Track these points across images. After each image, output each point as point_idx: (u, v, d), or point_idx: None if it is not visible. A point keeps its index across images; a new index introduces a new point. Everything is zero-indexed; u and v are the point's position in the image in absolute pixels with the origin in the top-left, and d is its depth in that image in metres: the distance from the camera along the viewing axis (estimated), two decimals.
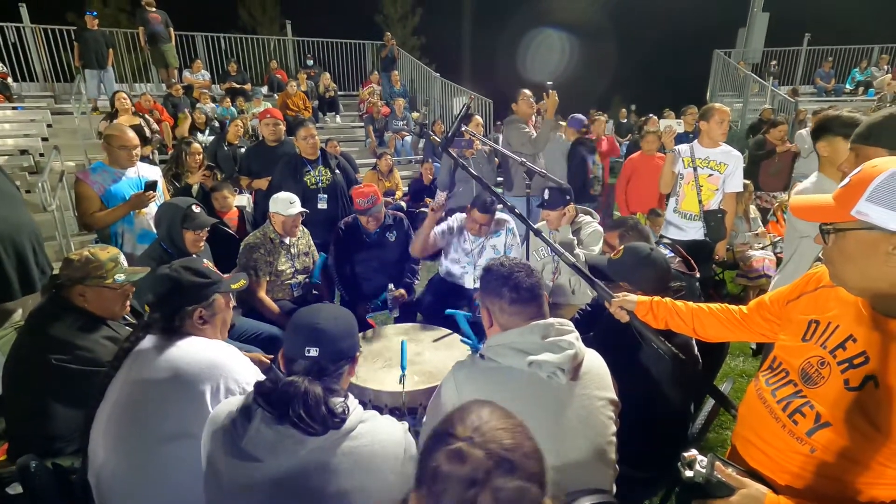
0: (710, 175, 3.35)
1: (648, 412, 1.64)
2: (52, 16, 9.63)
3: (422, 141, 8.95)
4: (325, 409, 1.07)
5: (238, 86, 9.49)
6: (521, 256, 2.76)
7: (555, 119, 4.54)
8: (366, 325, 2.78)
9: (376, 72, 10.90)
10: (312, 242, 3.35)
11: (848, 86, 12.33)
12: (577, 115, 5.39)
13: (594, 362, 1.39)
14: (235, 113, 8.38)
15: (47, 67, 8.84)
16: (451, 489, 0.69)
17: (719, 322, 1.44)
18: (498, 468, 0.70)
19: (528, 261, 2.25)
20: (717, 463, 1.04)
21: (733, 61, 11.87)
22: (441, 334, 2.46)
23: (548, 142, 4.57)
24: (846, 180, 0.98)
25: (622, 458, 1.37)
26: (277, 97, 9.17)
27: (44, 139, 7.21)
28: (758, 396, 1.19)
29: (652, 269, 1.82)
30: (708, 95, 12.01)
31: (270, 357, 2.29)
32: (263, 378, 1.16)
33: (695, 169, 3.36)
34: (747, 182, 4.29)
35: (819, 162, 2.16)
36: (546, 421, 1.25)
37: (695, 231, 3.42)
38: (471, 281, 3.23)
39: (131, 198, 2.85)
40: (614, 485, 1.36)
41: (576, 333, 1.35)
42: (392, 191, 6.89)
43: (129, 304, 1.99)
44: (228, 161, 5.26)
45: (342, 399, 1.12)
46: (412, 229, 3.47)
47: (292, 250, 3.15)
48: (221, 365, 1.39)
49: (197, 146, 4.25)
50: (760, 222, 4.72)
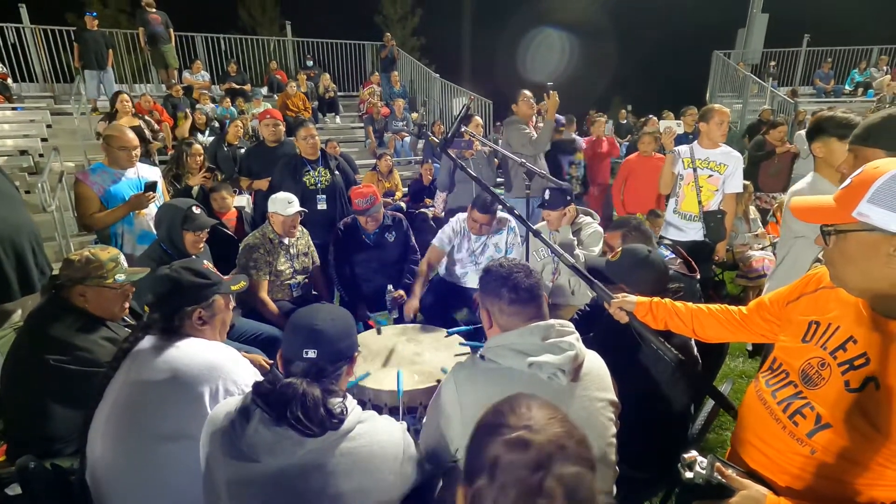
0: (710, 176, 3.35)
1: (648, 413, 1.64)
2: (52, 16, 9.63)
3: (421, 142, 8.95)
4: (324, 410, 1.07)
5: (238, 86, 9.49)
6: (522, 256, 2.76)
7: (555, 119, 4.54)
8: (365, 326, 2.78)
9: (376, 72, 10.91)
10: (312, 243, 3.35)
11: (847, 87, 12.35)
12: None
13: (594, 363, 1.39)
14: (235, 113, 8.38)
15: (47, 68, 8.84)
16: (517, 476, 0.70)
17: (719, 323, 1.44)
18: (559, 453, 0.72)
19: (528, 261, 2.25)
20: (718, 464, 1.04)
21: (732, 62, 11.87)
22: (443, 335, 2.46)
23: (549, 142, 4.57)
24: (847, 182, 0.98)
25: (622, 459, 1.36)
26: (277, 98, 9.17)
27: (43, 140, 7.21)
28: (758, 398, 1.19)
29: (650, 271, 1.82)
30: (707, 96, 12.02)
31: (271, 362, 2.28)
32: (261, 379, 1.16)
33: (694, 170, 3.37)
34: (747, 183, 4.29)
35: (815, 163, 2.17)
36: None
37: (694, 232, 3.42)
38: (472, 280, 3.23)
39: (131, 198, 2.85)
40: (615, 486, 1.36)
41: (576, 334, 1.35)
42: (392, 191, 6.89)
43: (129, 305, 1.99)
44: (228, 162, 5.26)
45: (340, 399, 1.12)
46: (411, 230, 3.47)
47: (291, 250, 3.15)
48: (220, 366, 1.39)
49: (198, 147, 4.25)
50: (760, 223, 4.72)
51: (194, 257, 2.53)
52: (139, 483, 1.31)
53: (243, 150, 5.14)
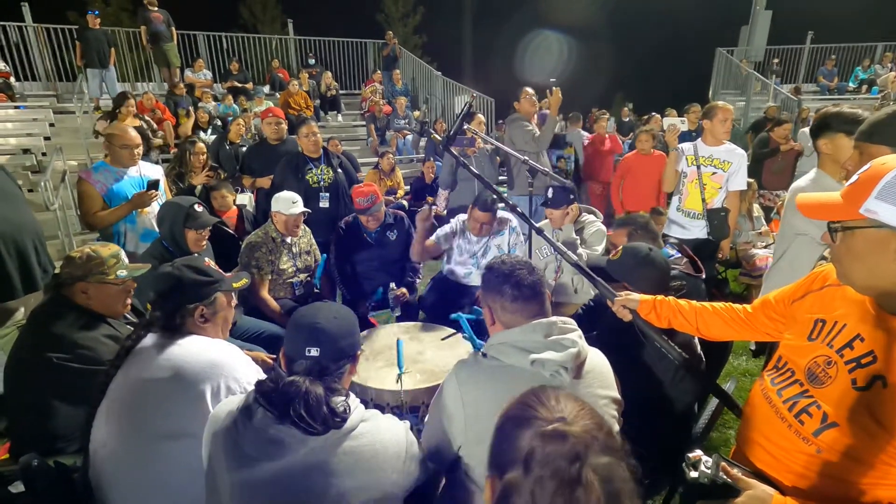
0: (714, 173, 3.34)
1: (652, 411, 1.63)
2: (55, 15, 9.66)
3: (423, 140, 8.94)
4: (326, 409, 1.07)
5: (240, 85, 9.50)
6: (525, 255, 2.75)
7: (558, 116, 4.53)
8: (367, 324, 2.78)
9: (378, 70, 10.90)
10: (314, 241, 3.35)
11: (851, 84, 12.28)
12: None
13: (597, 361, 1.38)
14: (238, 110, 8.38)
15: (50, 67, 8.85)
16: (555, 467, 0.70)
17: (723, 321, 1.43)
18: (594, 444, 0.72)
19: (531, 259, 2.24)
20: (723, 464, 1.03)
21: (736, 59, 11.83)
22: (445, 334, 2.45)
23: (552, 139, 4.55)
24: (854, 178, 0.97)
25: None
26: (279, 96, 9.17)
27: (46, 138, 7.22)
28: (763, 396, 1.18)
29: (651, 270, 1.81)
30: (710, 94, 11.98)
31: (273, 357, 2.28)
32: (264, 378, 1.15)
33: (698, 167, 3.35)
34: (751, 181, 4.27)
35: (819, 159, 2.15)
36: None
37: (698, 230, 3.41)
38: (474, 280, 3.23)
39: (133, 197, 2.85)
40: None
41: (579, 332, 1.34)
42: (394, 189, 6.89)
43: (131, 303, 1.99)
44: (230, 160, 5.25)
45: (343, 398, 1.12)
46: (413, 228, 3.46)
47: (294, 249, 3.15)
48: (222, 364, 1.39)
49: (201, 146, 4.24)
50: (764, 221, 4.69)
51: (196, 255, 2.53)
52: (141, 481, 1.31)
53: (245, 149, 5.14)
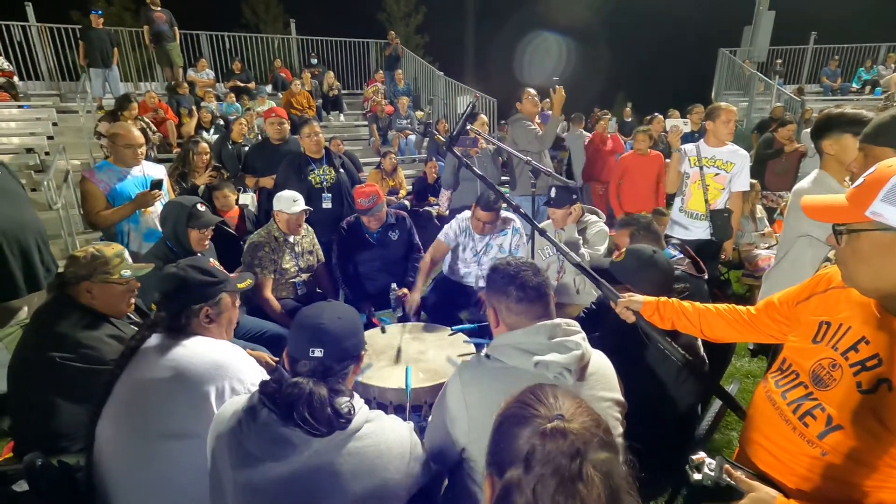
0: (717, 174, 3.33)
1: (655, 413, 1.63)
2: (58, 15, 9.67)
3: (426, 140, 8.94)
4: (331, 410, 1.06)
5: (242, 84, 9.51)
6: (527, 255, 2.75)
7: (562, 115, 4.52)
8: (369, 324, 2.78)
9: (380, 70, 10.90)
10: (317, 241, 3.35)
11: (854, 84, 12.24)
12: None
13: (600, 363, 1.38)
14: (241, 110, 8.38)
15: (53, 66, 8.87)
16: (556, 465, 0.70)
17: (727, 323, 1.43)
18: (592, 440, 0.73)
19: (533, 260, 2.24)
20: (726, 466, 1.03)
21: (739, 60, 11.80)
22: (447, 333, 2.45)
23: (554, 138, 4.55)
24: (860, 180, 0.96)
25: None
26: (281, 96, 9.18)
27: (49, 138, 7.23)
28: (767, 398, 1.18)
29: (654, 272, 1.81)
30: (713, 94, 11.96)
31: (276, 360, 2.28)
32: (268, 378, 1.15)
33: (701, 168, 3.35)
34: (754, 181, 4.26)
35: (822, 160, 2.14)
36: None
37: (701, 230, 3.40)
38: (474, 278, 3.22)
39: (137, 196, 2.86)
40: None
41: (582, 334, 1.34)
42: (396, 189, 6.89)
43: (134, 303, 2.00)
44: (233, 160, 5.26)
45: (348, 399, 1.11)
46: (415, 228, 3.47)
47: (297, 248, 3.15)
48: (226, 365, 1.39)
49: (204, 146, 4.24)
50: (767, 222, 4.68)
51: (200, 255, 2.53)
52: (144, 480, 1.31)
53: (247, 149, 5.14)
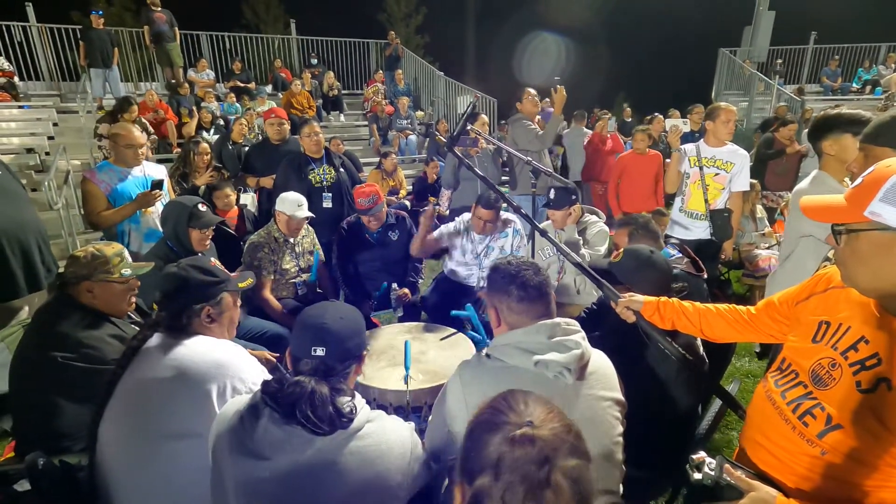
0: (717, 174, 3.34)
1: (655, 413, 1.63)
2: (58, 15, 9.67)
3: (427, 140, 8.94)
4: (332, 409, 1.07)
5: (242, 84, 9.51)
6: (528, 256, 2.76)
7: (562, 115, 4.53)
8: (370, 324, 2.78)
9: (380, 70, 10.90)
10: (317, 241, 3.35)
11: (855, 84, 12.24)
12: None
13: (600, 362, 1.39)
14: (241, 110, 8.38)
15: (53, 66, 8.87)
16: (524, 472, 0.70)
17: (727, 323, 1.43)
18: (561, 447, 0.73)
19: (534, 260, 2.24)
20: (726, 465, 1.03)
21: (739, 60, 11.80)
22: (447, 333, 2.46)
23: (554, 138, 4.55)
24: (859, 180, 0.97)
25: (628, 459, 1.36)
26: (282, 96, 9.18)
27: (50, 138, 7.25)
28: (767, 398, 1.18)
29: (652, 272, 1.81)
30: (713, 94, 11.96)
31: (276, 356, 2.29)
32: (270, 378, 1.16)
33: (701, 168, 3.35)
34: (754, 181, 4.26)
35: (822, 161, 2.14)
36: None
37: (701, 230, 3.41)
38: (475, 280, 3.23)
39: (138, 197, 2.86)
40: (621, 485, 1.35)
41: (582, 333, 1.35)
42: (396, 189, 6.89)
43: (135, 302, 2.00)
44: (233, 160, 5.26)
45: (349, 399, 1.12)
46: (415, 228, 3.47)
47: (297, 249, 3.15)
48: (228, 365, 1.39)
49: (205, 146, 4.25)
50: (767, 222, 4.69)
51: (201, 255, 2.54)
52: (145, 480, 1.32)
53: (247, 149, 5.15)
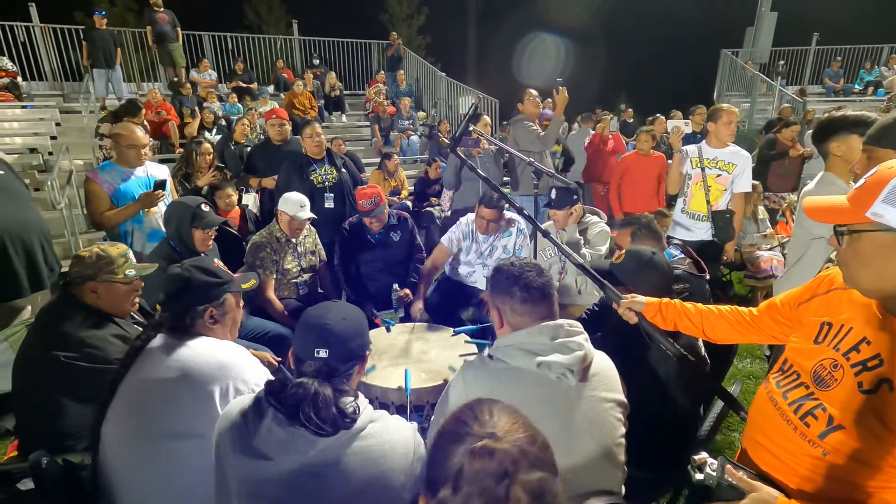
0: (719, 175, 3.33)
1: (657, 414, 1.63)
2: (61, 15, 9.71)
3: (429, 141, 8.95)
4: (336, 410, 1.07)
5: (245, 85, 9.53)
6: (530, 256, 2.76)
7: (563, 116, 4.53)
8: (371, 325, 2.78)
9: (382, 71, 10.91)
10: (319, 241, 3.36)
11: (857, 86, 12.22)
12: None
13: (603, 364, 1.39)
14: (243, 110, 8.40)
15: (56, 67, 8.89)
16: (483, 485, 0.69)
17: (729, 324, 1.43)
18: (523, 460, 0.72)
19: (535, 260, 2.25)
20: (728, 466, 1.04)
21: (741, 61, 11.79)
22: (448, 333, 2.46)
23: (556, 139, 4.56)
24: (861, 181, 0.97)
25: (630, 460, 1.36)
26: (284, 96, 9.20)
27: (53, 138, 7.25)
28: (768, 399, 1.18)
29: (654, 273, 1.81)
30: (715, 95, 11.95)
31: (279, 360, 2.29)
32: (273, 379, 1.16)
33: (703, 169, 3.35)
34: (756, 183, 4.26)
35: (828, 162, 2.14)
36: (554, 422, 1.24)
37: (703, 232, 3.41)
38: (479, 280, 3.23)
39: (141, 196, 2.87)
40: (623, 486, 1.36)
41: (585, 335, 1.35)
42: (398, 190, 6.89)
43: (138, 302, 2.01)
44: (235, 160, 5.27)
45: (353, 399, 1.12)
46: (416, 229, 3.48)
47: (299, 249, 3.16)
48: (231, 365, 1.40)
49: (207, 146, 4.26)
50: (769, 223, 4.68)
51: (204, 255, 2.55)
52: (148, 479, 1.32)
53: (249, 149, 5.16)
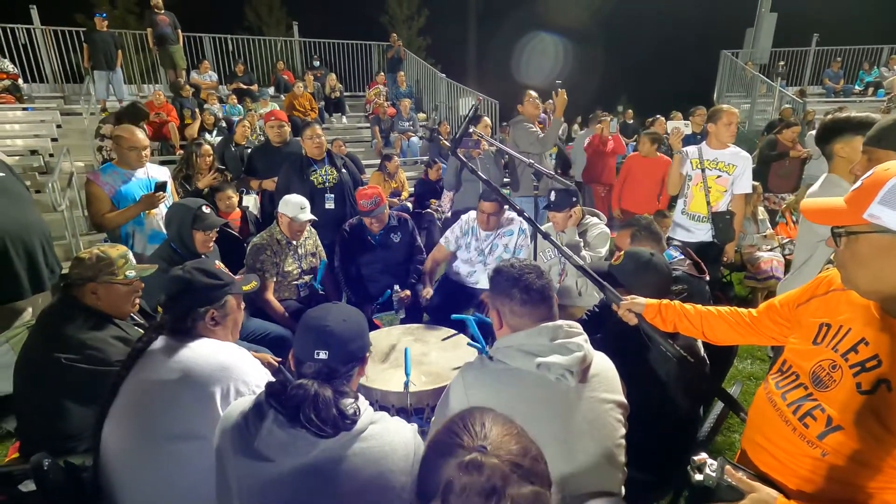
0: (719, 176, 3.34)
1: (657, 415, 1.63)
2: (62, 17, 9.72)
3: (430, 143, 8.95)
4: (336, 412, 1.08)
5: (245, 86, 9.54)
6: (530, 257, 2.76)
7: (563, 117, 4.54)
8: (372, 326, 2.79)
9: (382, 73, 10.93)
10: (320, 243, 3.36)
11: (857, 86, 12.22)
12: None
13: (603, 365, 1.39)
14: (243, 111, 8.41)
15: (57, 69, 8.92)
16: (470, 501, 0.68)
17: (728, 325, 1.44)
18: (513, 474, 0.70)
19: (535, 262, 2.25)
20: (728, 467, 1.04)
21: (741, 62, 11.79)
22: (448, 334, 2.46)
23: (555, 140, 4.57)
24: (858, 183, 0.97)
25: (630, 461, 1.36)
26: (284, 98, 9.21)
27: (53, 140, 7.27)
28: (768, 400, 1.18)
29: (652, 275, 1.81)
30: (715, 96, 11.96)
31: (279, 360, 2.30)
32: (273, 380, 1.16)
33: (703, 170, 3.35)
34: (756, 184, 4.26)
35: (832, 163, 2.13)
36: (554, 423, 1.25)
37: (703, 233, 3.41)
38: (479, 280, 3.23)
39: (142, 198, 2.87)
40: (623, 487, 1.36)
41: (584, 335, 1.35)
42: (398, 191, 6.90)
43: (138, 304, 2.01)
44: (236, 162, 5.28)
45: (353, 401, 1.13)
46: (417, 230, 3.48)
47: (299, 251, 3.16)
48: (232, 367, 1.40)
49: (207, 148, 4.27)
50: (769, 224, 4.69)
51: (205, 257, 2.55)
52: (149, 481, 1.33)
53: (250, 151, 5.16)
